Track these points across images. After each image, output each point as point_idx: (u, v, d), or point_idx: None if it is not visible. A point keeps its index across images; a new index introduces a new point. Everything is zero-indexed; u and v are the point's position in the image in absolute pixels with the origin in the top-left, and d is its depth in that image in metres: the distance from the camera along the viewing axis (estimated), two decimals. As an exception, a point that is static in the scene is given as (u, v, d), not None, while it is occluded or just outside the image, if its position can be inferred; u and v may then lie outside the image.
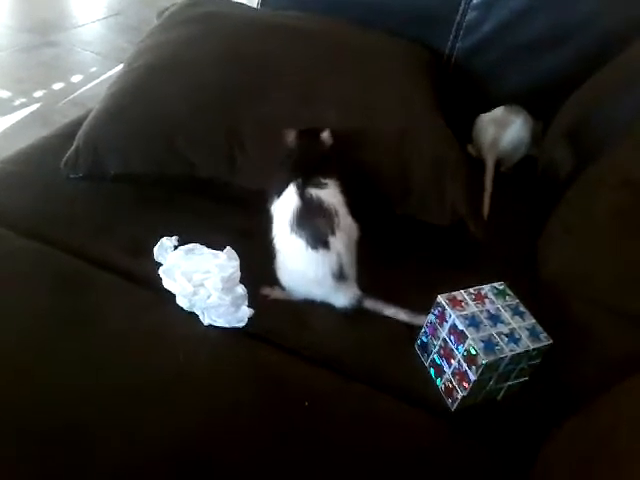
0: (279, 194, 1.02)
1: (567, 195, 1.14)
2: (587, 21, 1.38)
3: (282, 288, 1.02)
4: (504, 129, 1.38)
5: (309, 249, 0.97)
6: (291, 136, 1.07)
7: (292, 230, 0.98)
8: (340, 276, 0.98)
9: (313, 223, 0.97)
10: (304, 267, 0.98)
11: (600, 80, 1.30)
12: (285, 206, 1.00)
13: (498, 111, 1.41)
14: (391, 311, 1.00)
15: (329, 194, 1.00)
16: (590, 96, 1.31)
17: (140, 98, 1.16)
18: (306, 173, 1.01)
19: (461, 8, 1.48)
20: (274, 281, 1.02)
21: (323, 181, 1.00)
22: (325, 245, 0.97)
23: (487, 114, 1.43)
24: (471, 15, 1.48)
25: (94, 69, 2.68)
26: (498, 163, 1.39)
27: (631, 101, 1.19)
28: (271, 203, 1.03)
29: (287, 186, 1.00)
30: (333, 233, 0.97)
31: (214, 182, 1.14)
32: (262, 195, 1.08)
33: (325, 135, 1.06)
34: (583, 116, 1.29)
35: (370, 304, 1.00)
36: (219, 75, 1.18)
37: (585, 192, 1.10)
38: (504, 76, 1.49)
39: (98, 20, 3.22)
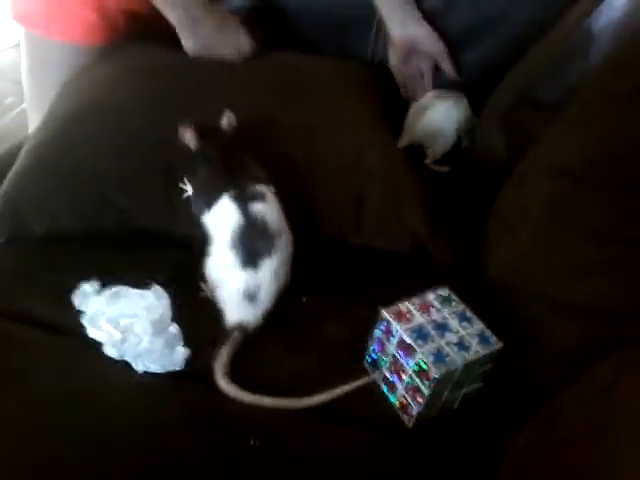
0: (209, 205, 0.95)
1: (502, 190, 1.12)
2: (506, 12, 1.34)
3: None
4: (422, 114, 1.31)
5: (239, 268, 0.92)
6: (188, 135, 0.97)
7: (230, 247, 0.93)
8: (252, 298, 0.94)
9: (253, 244, 0.93)
10: (227, 282, 0.94)
11: (527, 64, 1.28)
12: (222, 221, 0.94)
13: (429, 94, 1.36)
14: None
15: (270, 209, 0.95)
16: (518, 82, 1.29)
17: (63, 150, 1.07)
18: (236, 180, 0.95)
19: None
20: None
21: (258, 189, 0.95)
22: (255, 266, 0.93)
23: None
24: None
25: (10, 99, 2.55)
26: (424, 153, 1.33)
27: (556, 85, 1.18)
28: (199, 211, 0.97)
29: (218, 196, 0.94)
30: (270, 255, 0.93)
31: (152, 230, 1.06)
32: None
33: (226, 122, 0.99)
34: (513, 103, 1.27)
35: None
36: (146, 117, 1.09)
37: (518, 184, 1.08)
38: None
39: (13, 46, 3.07)
